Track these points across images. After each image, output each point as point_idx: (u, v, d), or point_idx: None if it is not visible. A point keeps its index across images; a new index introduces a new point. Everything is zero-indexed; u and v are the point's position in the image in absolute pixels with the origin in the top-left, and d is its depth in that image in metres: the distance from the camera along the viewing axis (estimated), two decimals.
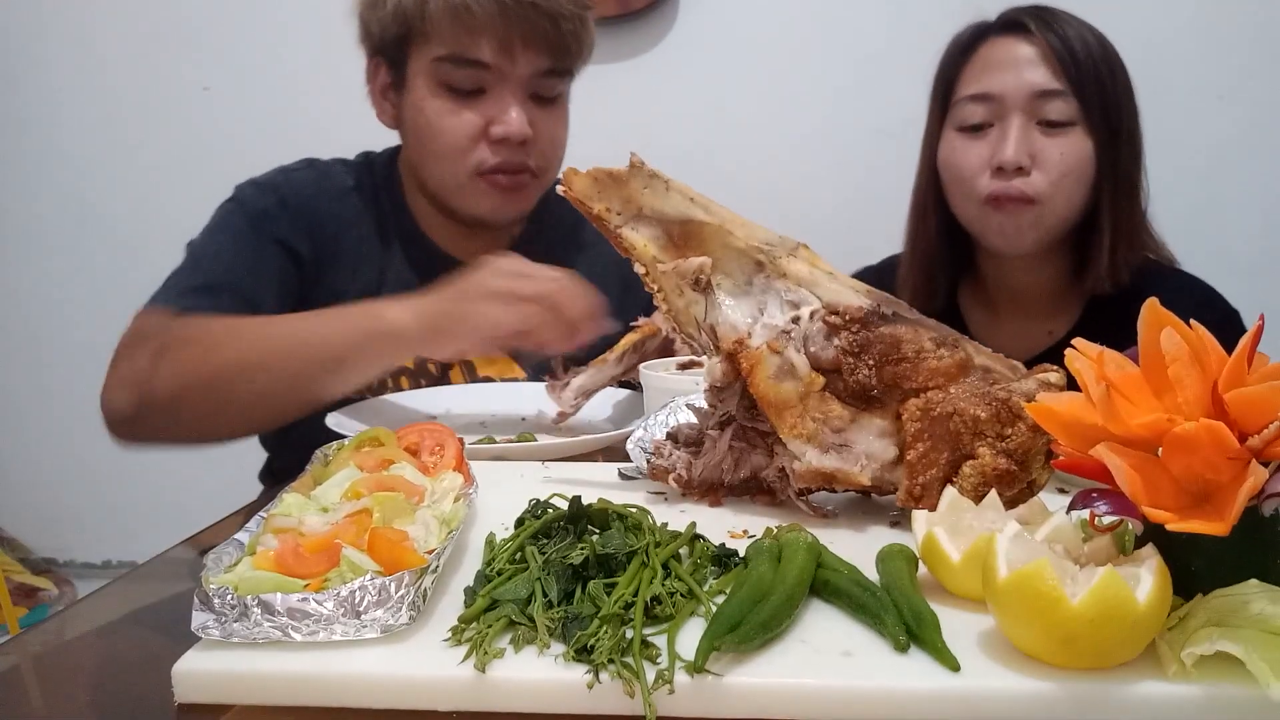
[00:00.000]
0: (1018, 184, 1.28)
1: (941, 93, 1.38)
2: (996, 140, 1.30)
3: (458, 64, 1.24)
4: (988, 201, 1.31)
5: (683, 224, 0.79)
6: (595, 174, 0.80)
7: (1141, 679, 0.51)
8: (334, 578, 0.58)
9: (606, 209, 0.80)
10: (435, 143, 1.28)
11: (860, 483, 0.75)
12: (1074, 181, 1.30)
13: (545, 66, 1.26)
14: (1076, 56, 1.29)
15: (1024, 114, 1.29)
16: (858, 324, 0.75)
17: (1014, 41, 1.32)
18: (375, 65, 1.34)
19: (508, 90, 1.25)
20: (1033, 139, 1.29)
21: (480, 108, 1.26)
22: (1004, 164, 1.28)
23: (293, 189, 1.32)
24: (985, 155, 1.31)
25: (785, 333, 0.77)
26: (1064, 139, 1.29)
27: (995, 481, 0.71)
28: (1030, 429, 0.71)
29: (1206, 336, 0.55)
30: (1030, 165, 1.29)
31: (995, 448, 0.72)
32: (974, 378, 0.75)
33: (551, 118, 1.31)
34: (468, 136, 1.26)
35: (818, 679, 0.52)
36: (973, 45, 1.35)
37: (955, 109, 1.35)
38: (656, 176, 0.80)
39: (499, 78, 1.25)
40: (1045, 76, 1.29)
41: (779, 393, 0.75)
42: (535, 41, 1.24)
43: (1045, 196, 1.29)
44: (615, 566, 0.61)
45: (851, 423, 0.76)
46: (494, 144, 1.26)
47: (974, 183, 1.32)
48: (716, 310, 0.78)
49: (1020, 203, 1.29)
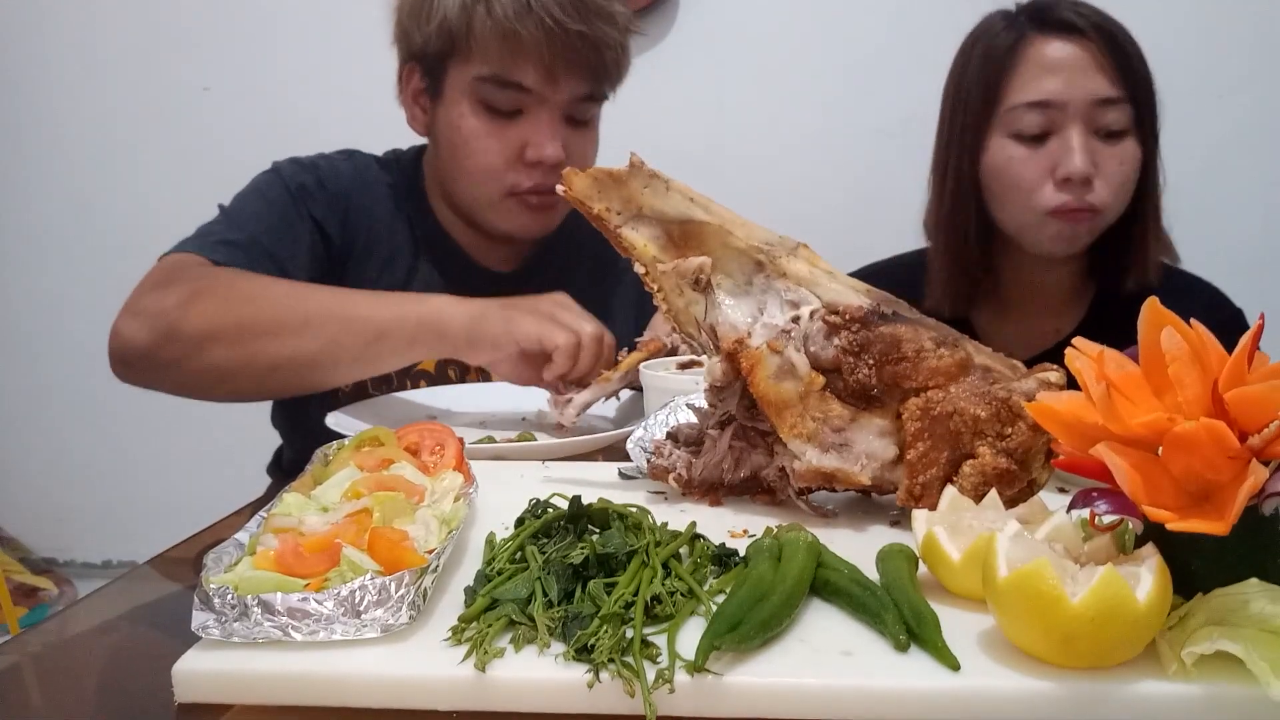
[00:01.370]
0: (1085, 197, 1.26)
1: (985, 96, 1.31)
2: (1058, 151, 1.27)
3: (499, 85, 1.24)
4: (1052, 213, 1.28)
5: (683, 224, 0.79)
6: (595, 174, 0.80)
7: (1141, 679, 0.51)
8: (334, 577, 0.58)
9: (606, 209, 0.80)
10: (470, 161, 1.29)
11: (860, 482, 0.75)
12: (1130, 189, 1.29)
13: (584, 92, 1.27)
14: (1131, 61, 1.26)
15: (1085, 121, 1.26)
16: (858, 323, 0.75)
17: (1066, 43, 1.27)
18: (409, 71, 1.34)
19: (545, 113, 1.26)
20: (1094, 148, 1.27)
21: (517, 130, 1.26)
22: (1072, 176, 1.25)
23: (333, 172, 1.33)
24: (1046, 166, 1.27)
25: (785, 332, 0.77)
26: (1121, 147, 1.28)
27: (995, 481, 0.71)
28: (1030, 428, 0.71)
29: (1206, 336, 0.55)
30: (1095, 175, 1.27)
31: (995, 447, 0.72)
32: (974, 377, 0.75)
33: (584, 140, 1.32)
34: (504, 158, 1.27)
35: (818, 679, 0.52)
36: (1019, 44, 1.29)
37: (1008, 116, 1.29)
38: (656, 176, 0.80)
39: (538, 101, 1.25)
40: (1103, 84, 1.25)
41: (779, 392, 0.75)
42: (577, 68, 1.24)
43: (1108, 206, 1.28)
44: (615, 566, 0.61)
45: (851, 422, 0.76)
46: (528, 166, 1.27)
47: (1036, 194, 1.28)
48: (716, 310, 0.78)
49: (1085, 213, 1.28)
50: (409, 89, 1.34)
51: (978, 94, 1.32)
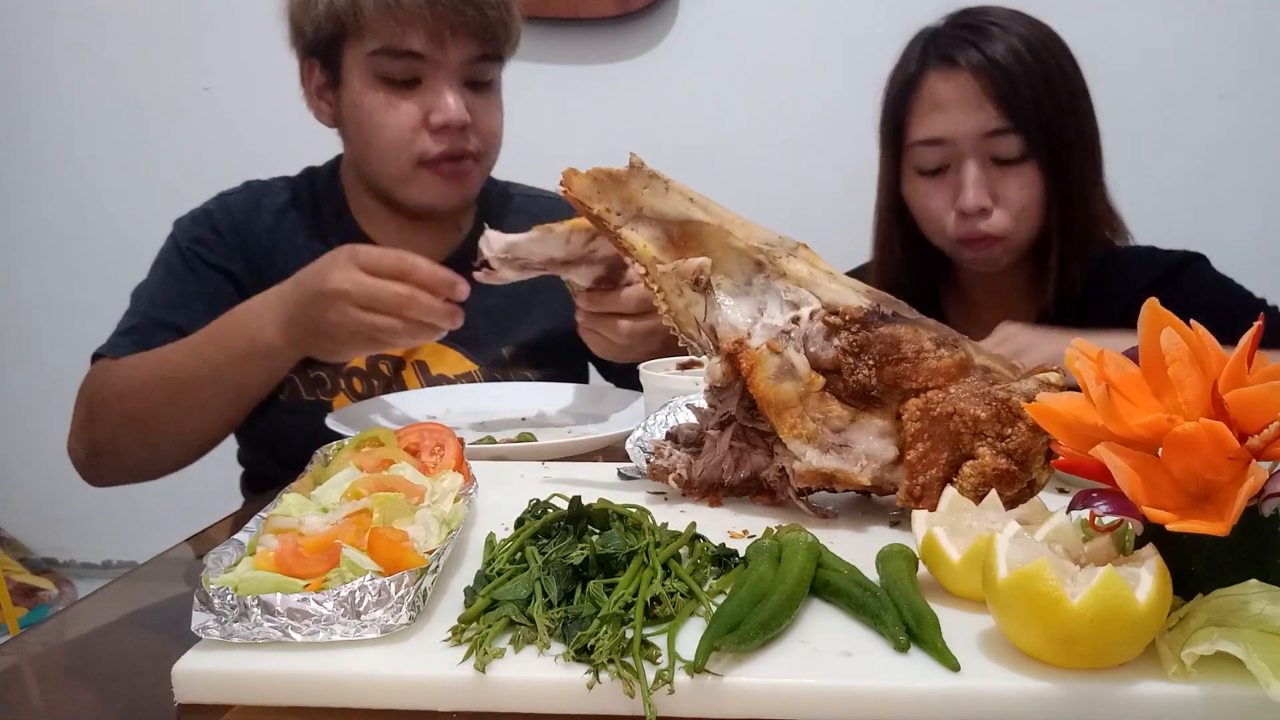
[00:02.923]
0: (981, 226, 1.30)
1: (892, 131, 1.37)
2: (955, 183, 1.31)
3: (392, 56, 1.27)
4: (956, 242, 1.34)
5: (682, 224, 0.79)
6: (595, 174, 0.80)
7: (1141, 679, 0.51)
8: (334, 578, 0.58)
9: (606, 209, 0.80)
10: (377, 136, 1.30)
11: (860, 483, 0.75)
12: (1034, 210, 1.32)
13: (476, 53, 1.29)
14: (1014, 88, 1.27)
15: (977, 155, 1.30)
16: (857, 324, 0.75)
17: (952, 77, 1.30)
18: (310, 67, 1.36)
19: (442, 79, 1.28)
20: (991, 178, 1.30)
21: (417, 98, 1.28)
22: (965, 210, 1.30)
23: (225, 214, 1.39)
24: (948, 196, 1.32)
25: (785, 333, 0.77)
26: (1021, 172, 1.30)
27: (995, 481, 0.71)
28: (1030, 429, 0.71)
29: (1206, 336, 0.55)
30: (992, 205, 1.30)
31: (995, 448, 0.72)
32: (974, 378, 0.75)
33: (487, 103, 1.34)
34: (408, 127, 1.28)
35: (818, 679, 0.52)
36: (915, 80, 1.34)
37: (910, 152, 1.35)
38: (656, 177, 0.80)
39: (433, 67, 1.27)
40: (991, 116, 1.28)
41: (779, 393, 0.75)
42: (464, 29, 1.27)
43: (1010, 231, 1.32)
44: (615, 566, 0.61)
45: (851, 423, 0.76)
46: (434, 133, 1.29)
47: (940, 223, 1.34)
48: (716, 310, 0.78)
49: (987, 241, 1.32)
50: (312, 86, 1.37)
51: (888, 128, 1.39)
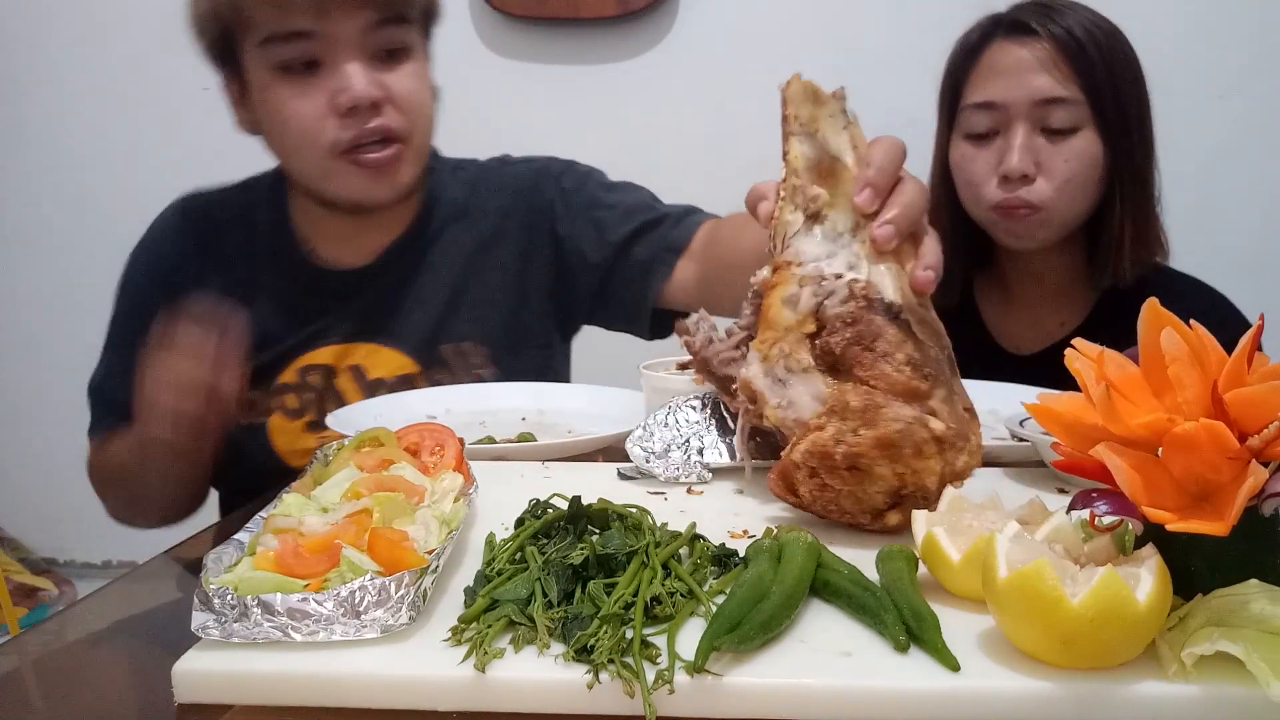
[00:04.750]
0: (1021, 193, 1.31)
1: (949, 98, 1.40)
2: (1002, 149, 1.33)
3: (283, 41, 1.16)
4: (994, 209, 1.35)
5: (834, 160, 0.83)
6: (808, 85, 0.85)
7: (1141, 679, 0.51)
8: (334, 578, 0.58)
9: (794, 115, 0.85)
10: (285, 130, 1.21)
11: (768, 416, 0.79)
12: (1079, 185, 1.32)
13: (373, 19, 1.17)
14: (1086, 55, 1.30)
15: (1028, 121, 1.31)
16: (865, 303, 0.77)
17: (1018, 45, 1.32)
18: (225, 78, 1.28)
19: (342, 55, 1.16)
20: (1037, 147, 1.31)
21: (321, 81, 1.17)
22: (1008, 173, 1.31)
23: (154, 244, 1.38)
24: (992, 163, 1.34)
25: (821, 279, 0.79)
26: (1069, 145, 1.31)
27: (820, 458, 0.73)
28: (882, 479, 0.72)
29: (1206, 336, 0.55)
30: (1035, 173, 1.31)
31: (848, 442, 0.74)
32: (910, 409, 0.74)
33: (405, 74, 1.21)
34: (314, 116, 1.18)
35: (818, 679, 0.52)
36: (979, 48, 1.36)
37: (961, 116, 1.37)
38: (844, 114, 0.84)
39: (328, 45, 1.16)
40: (1049, 83, 1.30)
41: (776, 312, 0.80)
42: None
43: (1050, 203, 1.32)
44: (615, 566, 0.61)
45: (804, 372, 0.78)
46: (345, 117, 1.17)
47: (981, 190, 1.35)
48: (803, 236, 0.82)
49: (1025, 210, 1.32)
50: (230, 97, 1.29)
51: (946, 96, 1.41)
